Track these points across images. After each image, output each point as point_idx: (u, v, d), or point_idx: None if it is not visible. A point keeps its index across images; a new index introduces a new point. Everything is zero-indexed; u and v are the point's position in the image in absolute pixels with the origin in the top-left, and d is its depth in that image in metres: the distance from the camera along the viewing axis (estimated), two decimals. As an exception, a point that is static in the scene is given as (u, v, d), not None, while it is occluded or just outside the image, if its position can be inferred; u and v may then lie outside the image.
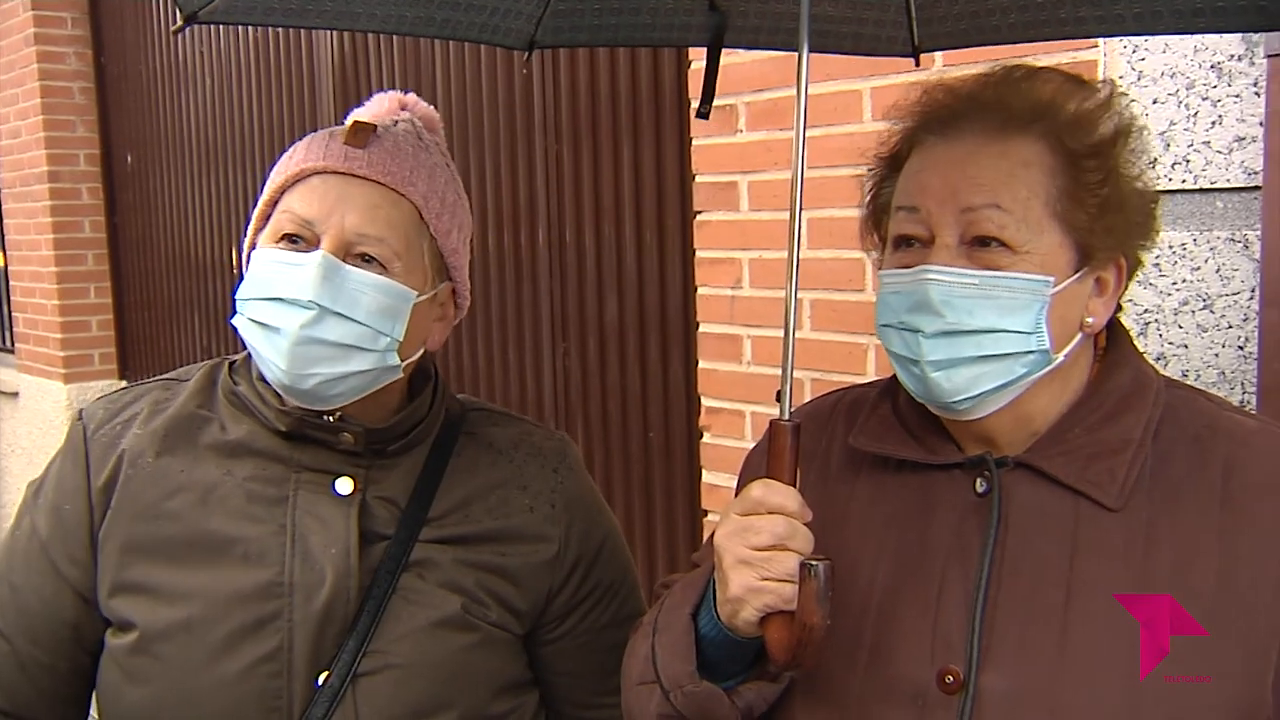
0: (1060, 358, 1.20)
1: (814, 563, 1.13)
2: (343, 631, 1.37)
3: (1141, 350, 2.07)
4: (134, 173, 6.18)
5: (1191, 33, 1.51)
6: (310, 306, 1.32)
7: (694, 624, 1.25)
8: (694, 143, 2.96)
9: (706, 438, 3.01)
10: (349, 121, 1.42)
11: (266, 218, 1.41)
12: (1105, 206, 1.19)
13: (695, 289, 3.03)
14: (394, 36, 4.20)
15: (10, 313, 7.01)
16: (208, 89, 5.46)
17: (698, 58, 2.92)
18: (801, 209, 1.28)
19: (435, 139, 1.50)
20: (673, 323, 3.27)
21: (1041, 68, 1.26)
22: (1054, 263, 1.18)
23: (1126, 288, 1.26)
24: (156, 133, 5.93)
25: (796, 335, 2.65)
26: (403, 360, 1.41)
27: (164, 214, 5.88)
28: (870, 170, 1.35)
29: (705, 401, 3.00)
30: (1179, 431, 1.20)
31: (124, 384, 1.57)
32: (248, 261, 1.43)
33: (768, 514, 1.16)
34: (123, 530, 1.40)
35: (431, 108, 1.53)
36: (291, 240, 1.37)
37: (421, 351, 1.47)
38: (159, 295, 5.93)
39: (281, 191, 1.40)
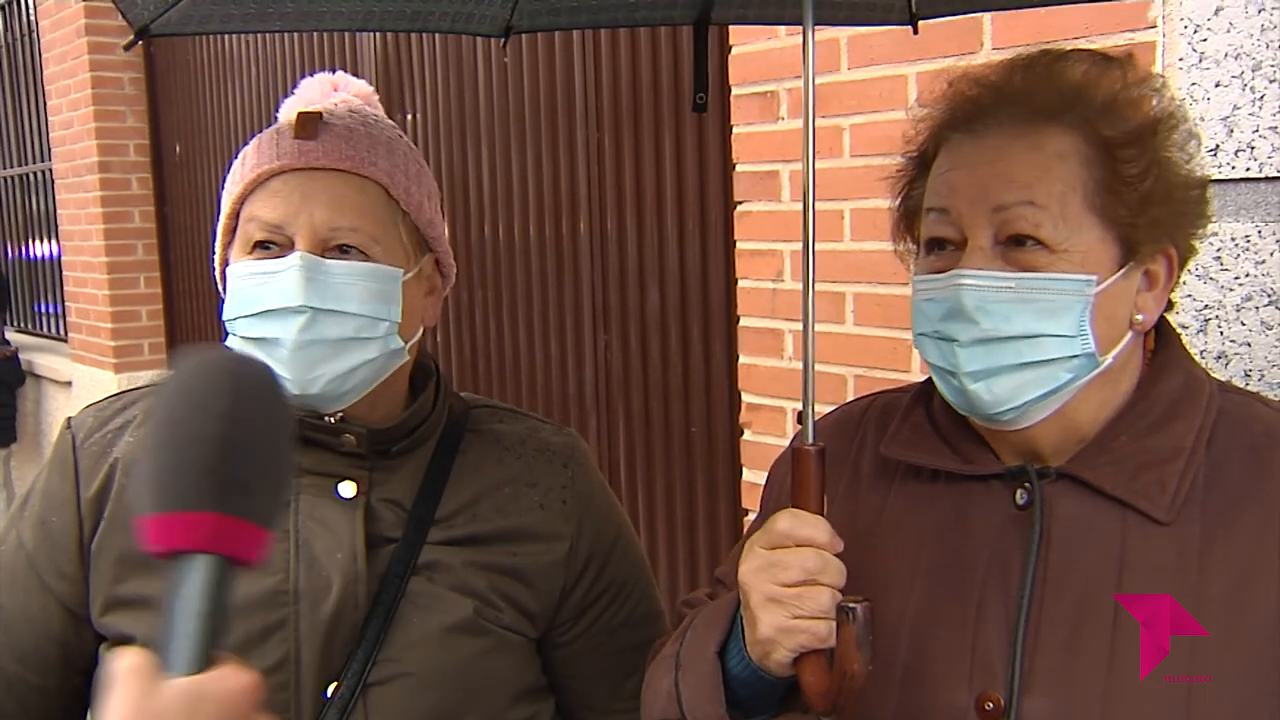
0: (1109, 359, 1.12)
1: (852, 605, 1.05)
2: (351, 640, 1.32)
3: (1202, 349, 2.00)
4: (182, 163, 6.22)
5: None
6: (302, 310, 1.28)
7: (720, 662, 1.19)
8: (734, 131, 2.88)
9: (747, 435, 2.94)
10: (293, 114, 1.36)
11: (232, 231, 1.37)
12: (1148, 199, 1.11)
13: (736, 281, 2.95)
14: (436, 24, 4.16)
15: (63, 302, 7.10)
16: (253, 79, 5.47)
17: (739, 42, 2.84)
18: (814, 207, 1.21)
19: (377, 114, 1.45)
20: (715, 316, 3.21)
21: (1070, 50, 1.18)
22: (1096, 260, 1.10)
23: (1179, 279, 1.18)
24: (204, 123, 5.96)
25: (838, 330, 2.61)
26: (405, 342, 1.37)
27: (212, 204, 5.89)
28: (899, 171, 1.28)
29: (746, 397, 2.93)
30: (1235, 440, 1.12)
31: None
32: (223, 279, 1.39)
33: (796, 547, 1.09)
34: (118, 542, 1.34)
35: (364, 82, 1.48)
36: (264, 247, 1.32)
37: (421, 332, 1.43)
38: (208, 285, 5.96)
39: (241, 201, 1.35)
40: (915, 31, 1.57)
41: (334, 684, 1.31)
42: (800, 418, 1.17)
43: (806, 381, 1.18)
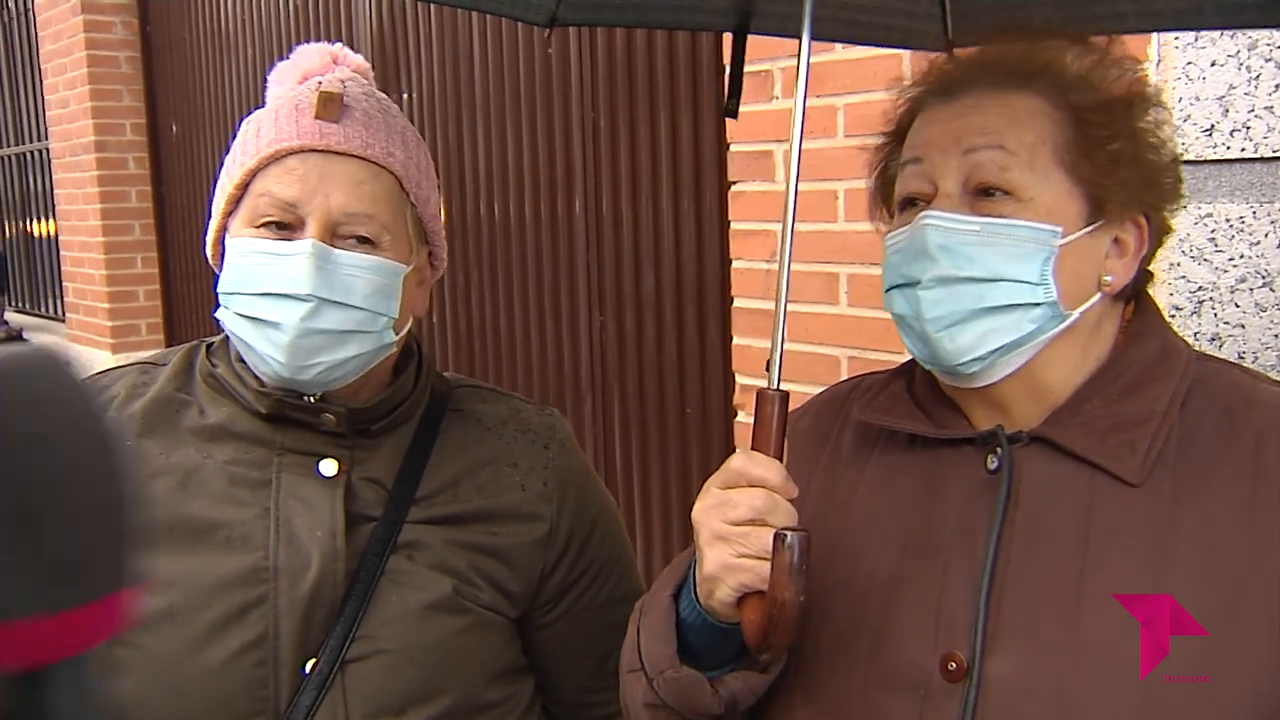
0: (1074, 315, 1.13)
1: (787, 533, 1.06)
2: (330, 616, 1.33)
3: (1195, 331, 1.98)
4: (179, 142, 6.20)
5: (1237, 28, 1.42)
6: (309, 299, 1.28)
7: (675, 606, 1.20)
8: (729, 110, 2.86)
9: (741, 416, 2.93)
10: (315, 93, 1.35)
11: (237, 200, 1.35)
12: (1116, 160, 1.12)
13: (730, 262, 2.94)
14: (432, 5, 4.14)
15: (61, 282, 7.09)
16: (249, 58, 5.45)
17: (734, 21, 2.83)
18: (795, 216, 1.24)
19: (386, 97, 1.45)
20: (710, 296, 3.20)
21: (1044, 30, 1.22)
22: (1062, 213, 1.11)
23: (1154, 253, 1.19)
24: (201, 101, 5.94)
25: (831, 311, 2.59)
26: (397, 334, 1.38)
27: (209, 183, 5.84)
28: (876, 147, 1.30)
29: (739, 379, 2.92)
30: (1209, 404, 1.12)
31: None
32: (219, 247, 1.38)
33: (747, 487, 1.10)
34: None
35: (361, 57, 1.47)
36: (273, 225, 1.31)
37: (411, 322, 1.43)
38: (205, 265, 5.86)
39: (253, 174, 1.33)
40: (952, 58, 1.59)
41: (312, 660, 1.32)
42: (768, 364, 1.18)
43: (777, 329, 1.19)
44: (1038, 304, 1.11)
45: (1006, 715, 1.06)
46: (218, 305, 1.37)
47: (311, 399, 1.36)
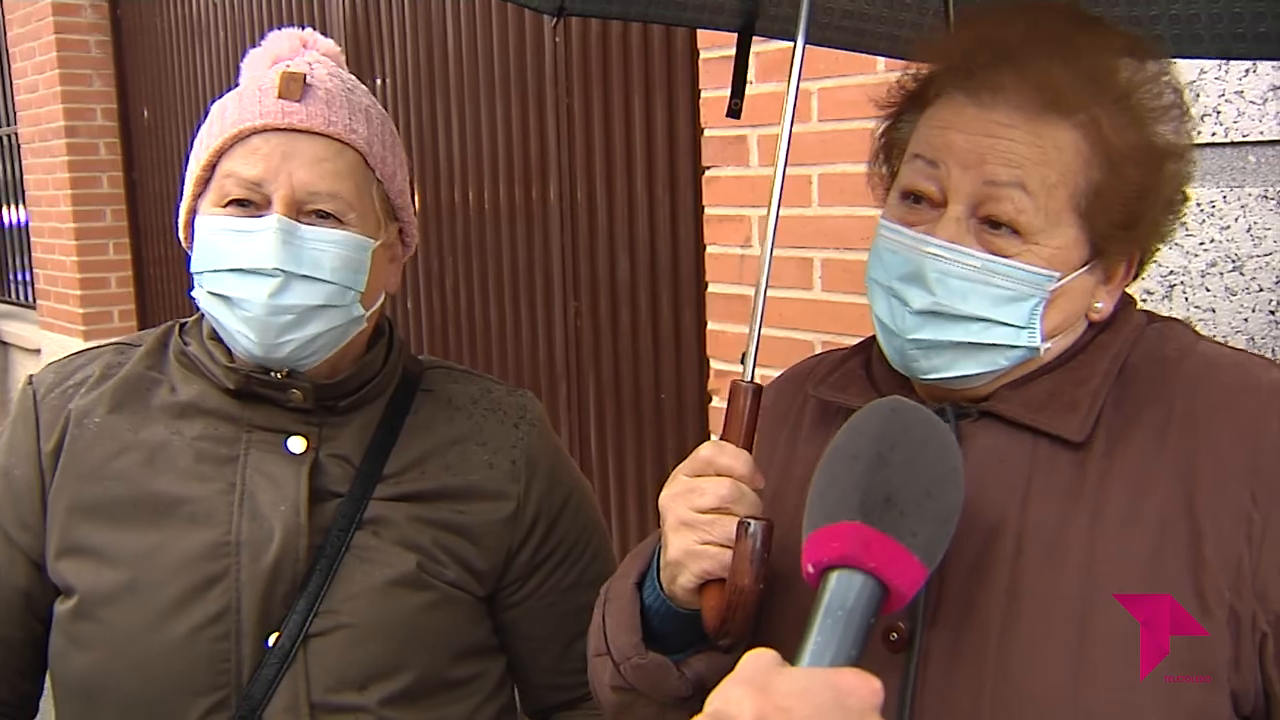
0: (1048, 345, 1.13)
1: (750, 521, 1.07)
2: (293, 591, 1.34)
3: (1166, 314, 1.98)
4: (151, 127, 6.15)
5: (1232, 58, 1.43)
6: (275, 274, 1.30)
7: (639, 593, 1.20)
8: (703, 94, 2.86)
9: (715, 401, 2.93)
10: (278, 73, 1.36)
11: (205, 182, 1.37)
12: (1135, 220, 1.10)
13: (705, 247, 2.94)
14: (405, -13, 4.12)
15: (31, 269, 7.02)
16: (221, 42, 5.40)
17: (708, 6, 2.82)
18: (780, 206, 1.27)
19: (353, 78, 1.46)
20: (684, 282, 3.19)
21: (1098, 23, 1.14)
22: (1064, 258, 1.09)
23: (1139, 274, 1.18)
24: (172, 86, 5.89)
25: (805, 296, 2.60)
26: (366, 309, 1.40)
27: (181, 168, 5.78)
28: (888, 102, 1.25)
29: (714, 364, 2.92)
30: (1146, 357, 1.13)
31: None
32: (190, 229, 1.39)
33: (715, 475, 1.10)
34: (69, 491, 1.37)
35: (331, 41, 1.49)
36: (240, 204, 1.33)
37: (383, 298, 1.45)
38: (178, 251, 5.88)
39: (219, 155, 1.35)
40: None
41: (274, 635, 1.33)
42: (744, 357, 1.19)
43: (754, 321, 1.20)
44: (1018, 346, 1.11)
45: (948, 683, 1.06)
46: (192, 286, 1.38)
47: (278, 375, 1.37)
